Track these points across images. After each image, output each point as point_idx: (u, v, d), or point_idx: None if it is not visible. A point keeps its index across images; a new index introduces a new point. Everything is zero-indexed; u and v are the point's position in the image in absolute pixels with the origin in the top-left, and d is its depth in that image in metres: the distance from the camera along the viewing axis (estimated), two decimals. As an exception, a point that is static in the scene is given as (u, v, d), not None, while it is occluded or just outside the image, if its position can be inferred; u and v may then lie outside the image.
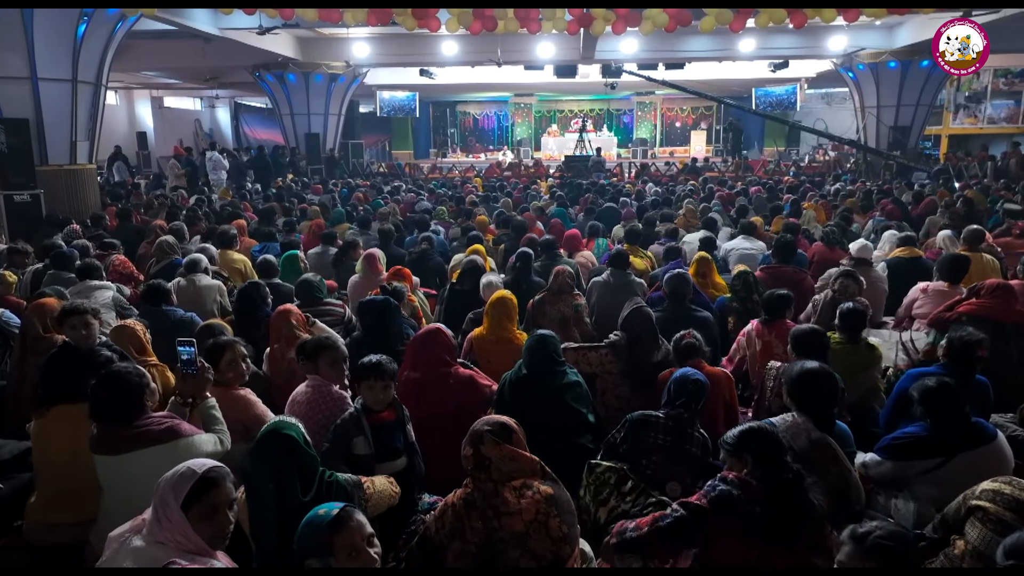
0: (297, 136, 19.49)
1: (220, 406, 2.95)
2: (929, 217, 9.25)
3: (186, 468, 2.03)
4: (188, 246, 7.31)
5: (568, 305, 5.19)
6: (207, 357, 3.01)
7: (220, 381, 3.14)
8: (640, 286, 5.56)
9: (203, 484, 2.00)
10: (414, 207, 11.41)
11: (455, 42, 18.18)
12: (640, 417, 3.02)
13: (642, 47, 18.33)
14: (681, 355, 3.67)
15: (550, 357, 3.34)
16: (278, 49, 16.75)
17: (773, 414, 3.49)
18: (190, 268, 5.47)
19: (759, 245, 7.47)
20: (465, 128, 31.52)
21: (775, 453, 2.29)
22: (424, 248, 6.97)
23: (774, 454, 2.29)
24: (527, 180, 17.64)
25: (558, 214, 9.69)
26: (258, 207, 11.56)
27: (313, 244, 7.96)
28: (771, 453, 2.29)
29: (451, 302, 5.20)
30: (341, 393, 3.20)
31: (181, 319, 4.52)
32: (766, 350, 4.23)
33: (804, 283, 5.55)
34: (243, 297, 4.56)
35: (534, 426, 3.10)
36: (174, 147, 22.70)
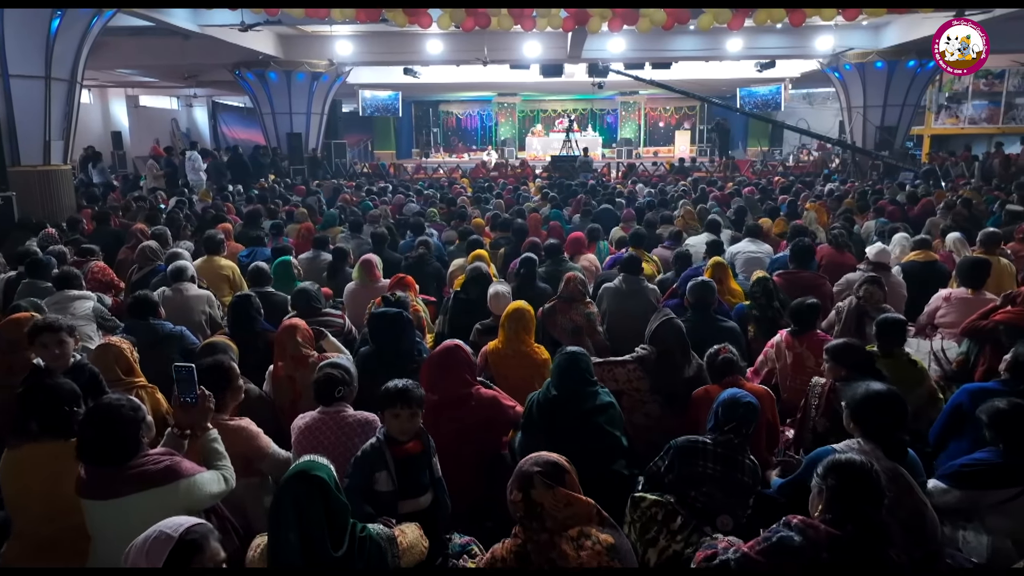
0: (278, 136, 19.04)
1: (221, 433, 2.65)
2: (930, 219, 9.10)
3: (159, 532, 1.72)
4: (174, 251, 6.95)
5: (580, 313, 4.94)
6: (209, 383, 2.70)
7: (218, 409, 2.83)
8: (653, 292, 5.31)
9: (183, 550, 1.70)
10: (402, 209, 11.10)
11: (440, 41, 17.87)
12: (686, 444, 2.76)
13: (629, 46, 18.14)
14: (718, 371, 3.42)
15: (582, 377, 3.07)
16: (259, 47, 16.31)
17: (818, 435, 3.26)
18: (176, 276, 5.13)
19: (765, 248, 7.26)
20: (448, 128, 31.19)
21: (865, 494, 2.03)
22: (421, 253, 6.68)
23: (863, 495, 2.03)
24: (514, 181, 17.37)
25: (555, 216, 9.43)
26: (241, 209, 11.18)
27: (303, 248, 7.63)
28: (859, 493, 2.03)
29: (456, 312, 4.92)
30: (360, 419, 2.89)
31: (170, 333, 4.19)
32: (797, 363, 4.00)
33: (823, 289, 5.34)
34: (236, 310, 4.23)
35: (565, 451, 2.84)
36: (152, 147, 22.11)
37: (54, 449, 2.57)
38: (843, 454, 2.18)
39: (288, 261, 5.81)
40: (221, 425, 2.77)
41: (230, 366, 2.95)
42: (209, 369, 2.87)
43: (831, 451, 2.51)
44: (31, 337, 3.25)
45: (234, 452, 2.67)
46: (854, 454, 2.21)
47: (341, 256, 6.16)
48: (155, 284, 5.56)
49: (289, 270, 5.76)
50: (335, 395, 2.90)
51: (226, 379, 2.89)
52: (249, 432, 2.88)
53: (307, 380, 3.48)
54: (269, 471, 2.89)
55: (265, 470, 2.89)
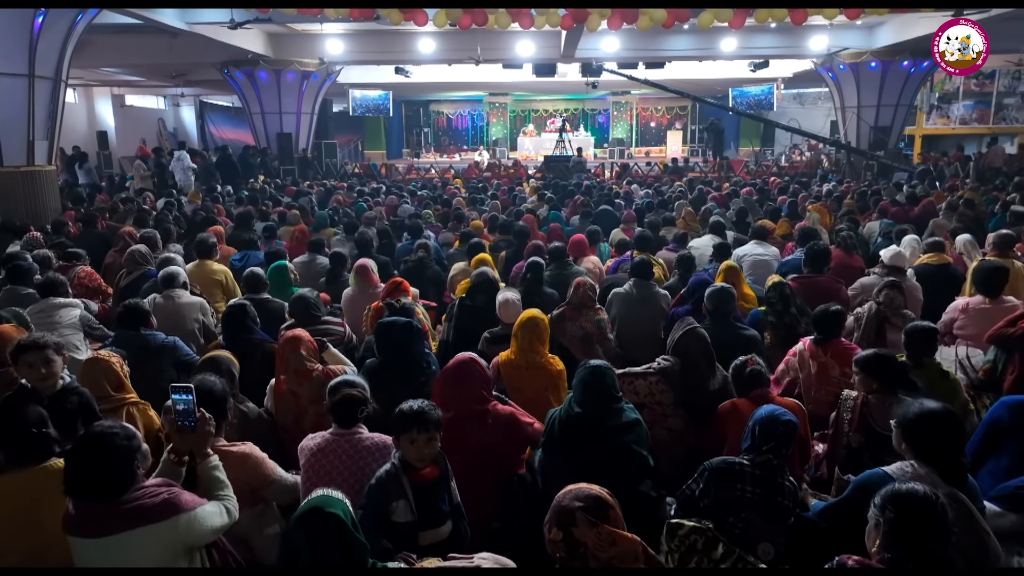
0: (268, 136, 18.75)
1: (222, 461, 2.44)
2: (934, 220, 8.97)
3: None
4: (161, 255, 6.71)
5: (590, 320, 4.76)
6: (209, 405, 2.48)
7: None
8: (664, 298, 5.14)
9: None
10: (396, 210, 10.88)
11: (432, 39, 17.66)
12: (722, 466, 2.58)
13: (623, 46, 17.99)
14: (744, 384, 3.24)
15: (607, 392, 2.88)
16: (248, 45, 16.03)
17: (852, 450, 3.09)
18: (167, 283, 4.89)
19: (772, 251, 7.10)
20: (438, 128, 30.97)
21: (930, 529, 1.85)
22: (421, 256, 6.47)
23: (927, 530, 1.85)
24: (508, 181, 17.16)
25: (554, 218, 9.24)
26: (231, 210, 10.92)
27: (297, 252, 7.40)
28: (923, 528, 1.85)
29: (462, 319, 4.71)
30: (377, 442, 2.68)
31: (163, 345, 3.97)
32: (822, 373, 3.83)
33: (840, 294, 5.17)
34: (231, 320, 4.01)
35: (589, 472, 2.65)
36: (138, 147, 21.76)
37: (26, 478, 2.36)
38: (904, 484, 2.00)
39: (284, 266, 5.59)
40: (222, 452, 2.56)
41: (223, 395, 2.71)
42: (211, 391, 2.65)
43: (883, 475, 2.34)
44: (14, 357, 2.99)
45: (238, 481, 2.46)
46: (914, 482, 2.03)
47: (340, 261, 5.95)
48: (145, 290, 5.33)
49: (285, 275, 5.54)
50: (358, 416, 2.69)
51: (220, 408, 2.66)
52: (255, 458, 2.67)
53: (311, 395, 3.28)
54: (275, 498, 2.68)
55: (271, 497, 2.69)
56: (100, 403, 3.16)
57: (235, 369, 3.21)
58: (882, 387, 3.11)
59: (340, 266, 5.94)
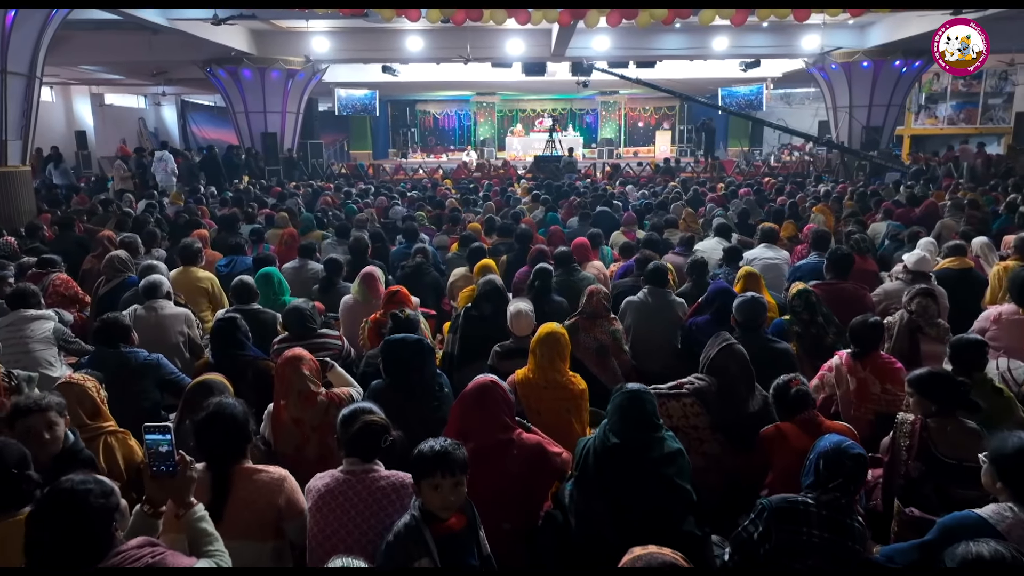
0: (252, 135, 18.32)
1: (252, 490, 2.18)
2: (941, 221, 8.76)
3: None
4: (142, 260, 6.34)
5: (605, 331, 4.46)
6: (234, 430, 2.21)
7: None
8: (681, 306, 4.85)
9: None
10: (388, 212, 10.54)
11: (421, 37, 17.33)
12: (783, 506, 2.28)
13: (614, 44, 17.77)
14: (789, 406, 2.95)
15: (648, 420, 2.58)
16: (231, 43, 15.61)
17: (911, 480, 2.81)
18: (149, 293, 4.54)
19: (783, 255, 6.85)
20: (425, 127, 30.60)
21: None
22: (419, 262, 6.14)
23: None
24: (499, 181, 16.85)
25: (552, 220, 8.93)
26: (215, 212, 10.53)
27: (286, 257, 7.05)
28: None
29: (468, 331, 4.39)
30: (395, 482, 2.35)
31: (145, 363, 3.62)
32: (862, 389, 3.55)
33: (865, 301, 4.91)
34: (221, 335, 3.67)
35: (629, 511, 2.36)
36: (119, 147, 21.22)
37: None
38: (999, 545, 1.72)
39: (274, 273, 5.24)
40: (255, 474, 2.33)
41: (246, 417, 2.43)
42: (221, 423, 2.36)
43: (977, 520, 2.06)
44: (11, 420, 2.55)
45: (269, 508, 2.25)
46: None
47: (335, 268, 5.60)
48: (125, 300, 4.97)
49: (275, 283, 5.19)
50: (381, 446, 2.38)
51: (244, 433, 2.38)
52: (292, 483, 2.39)
53: (315, 421, 2.96)
54: (295, 536, 2.36)
55: (292, 534, 2.37)
56: (74, 432, 2.82)
57: (229, 394, 2.88)
58: (941, 409, 2.84)
59: (335, 273, 5.60)
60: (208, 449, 2.33)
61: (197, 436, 2.34)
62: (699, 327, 4.43)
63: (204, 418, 2.35)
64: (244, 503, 2.27)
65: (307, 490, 2.39)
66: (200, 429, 2.34)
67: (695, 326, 4.40)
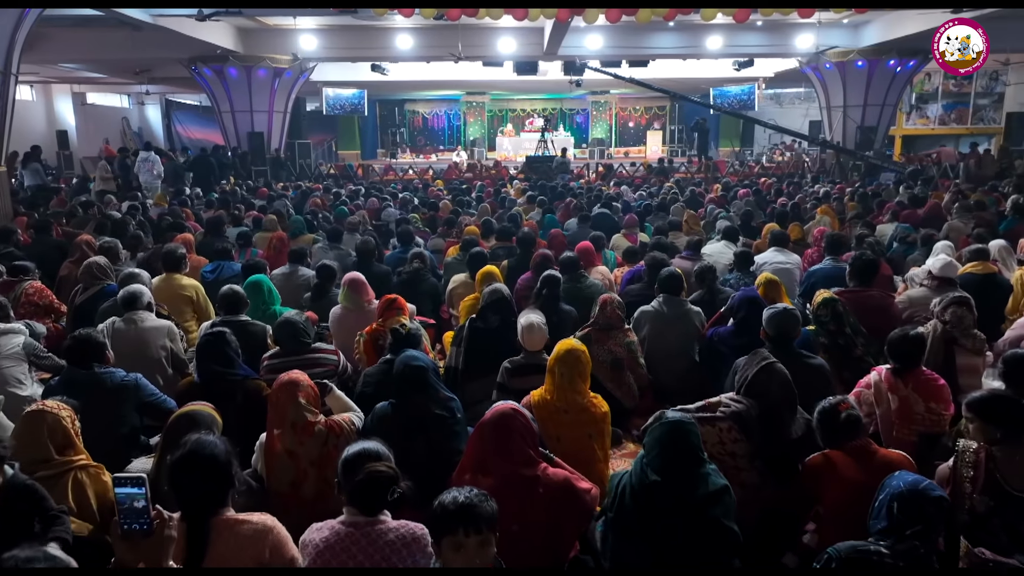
0: (239, 135, 17.90)
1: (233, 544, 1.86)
2: (949, 223, 8.56)
3: None
4: (123, 267, 5.99)
5: (620, 343, 4.19)
6: (215, 473, 1.89)
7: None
8: (698, 316, 4.58)
9: None
10: (380, 214, 10.21)
11: (411, 36, 16.99)
12: (853, 555, 2.01)
13: (607, 43, 17.52)
14: (839, 433, 2.67)
15: (693, 454, 2.30)
16: (217, 40, 15.21)
17: (978, 516, 2.54)
18: (129, 304, 4.20)
19: (794, 259, 6.60)
20: (414, 127, 30.23)
21: None
22: (417, 267, 5.83)
23: None
24: (491, 182, 16.54)
25: (551, 223, 8.64)
26: (201, 215, 10.16)
27: (276, 262, 6.72)
28: None
29: (474, 344, 4.10)
30: (405, 534, 2.05)
31: (122, 384, 3.29)
32: (904, 409, 3.28)
33: (893, 310, 4.66)
34: (207, 352, 3.35)
35: (672, 555, 2.08)
36: (103, 147, 20.74)
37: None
38: None
39: (264, 281, 4.91)
40: (236, 524, 2.01)
41: (228, 458, 2.10)
42: (199, 465, 2.03)
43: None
44: None
45: (254, 562, 1.93)
46: None
47: (327, 275, 5.27)
48: (104, 310, 4.63)
49: (265, 292, 4.86)
50: (387, 499, 2.06)
51: (226, 477, 2.06)
52: (278, 535, 2.07)
53: (313, 454, 2.65)
54: None
55: None
56: (40, 468, 2.51)
57: (217, 428, 2.57)
58: (1007, 436, 2.58)
59: (328, 280, 5.27)
60: (184, 496, 2.01)
61: (172, 480, 2.03)
62: (721, 337, 4.16)
63: (179, 459, 2.03)
64: (224, 559, 1.96)
65: (302, 544, 2.07)
66: (175, 472, 2.03)
67: (717, 336, 4.13)
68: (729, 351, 4.03)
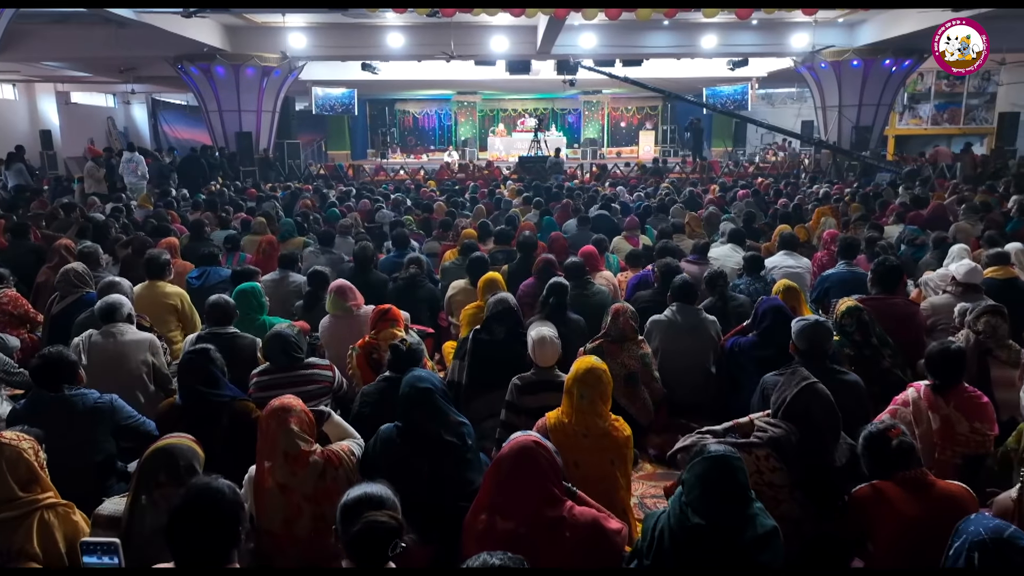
0: (226, 135, 17.55)
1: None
2: (956, 224, 8.34)
3: None
4: (104, 274, 5.69)
5: (634, 356, 3.94)
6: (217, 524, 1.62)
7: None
8: (713, 325, 4.33)
9: None
10: (373, 216, 9.92)
11: (402, 34, 16.70)
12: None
13: (601, 42, 17.31)
14: (889, 462, 2.42)
15: (741, 494, 2.04)
16: (203, 38, 14.87)
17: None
18: (107, 316, 3.90)
19: (804, 263, 6.38)
20: (404, 127, 29.91)
21: None
22: (413, 273, 5.56)
23: None
24: (484, 183, 16.26)
25: (550, 225, 8.37)
26: (187, 217, 9.84)
27: (265, 267, 6.43)
28: None
29: (478, 359, 3.83)
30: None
31: (95, 407, 3.00)
32: (946, 429, 3.05)
33: (918, 319, 4.44)
34: (189, 372, 3.06)
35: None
36: (87, 147, 20.31)
37: None
38: None
39: (254, 290, 4.62)
40: None
41: (234, 506, 1.82)
42: (202, 515, 1.76)
43: None
44: None
45: None
46: None
47: (320, 282, 4.97)
48: (81, 323, 4.33)
49: (254, 301, 4.57)
50: (388, 553, 1.79)
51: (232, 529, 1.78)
52: None
53: (307, 488, 2.38)
54: None
55: None
56: (2, 509, 2.23)
57: (199, 462, 2.29)
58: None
59: (321, 287, 4.97)
60: (182, 552, 1.74)
61: (169, 534, 1.75)
62: (742, 348, 3.91)
63: (180, 510, 1.76)
64: None
65: None
66: (174, 525, 1.75)
67: (737, 347, 3.88)
68: (751, 363, 3.79)
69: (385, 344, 3.80)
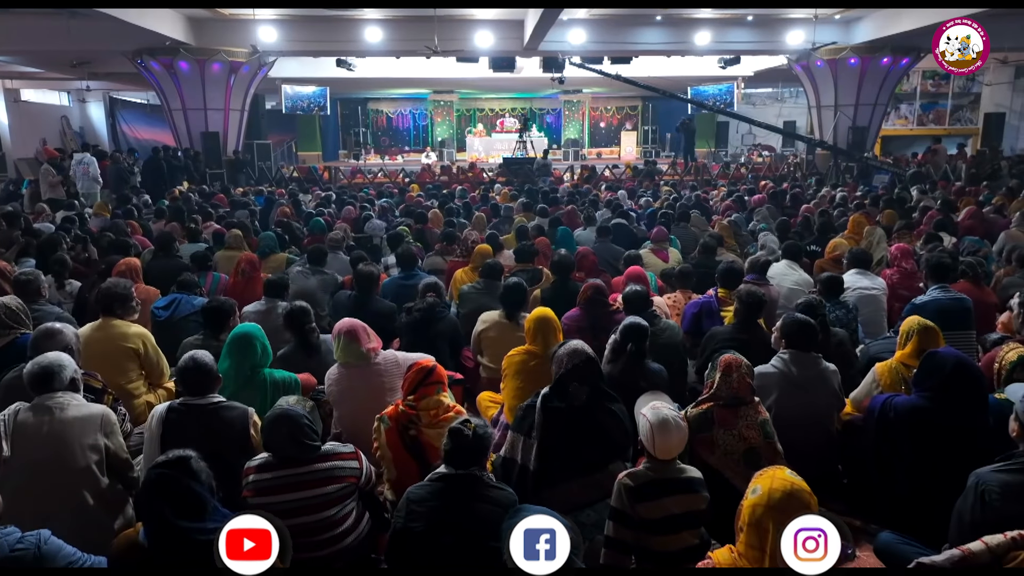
0: (191, 135, 16.29)
1: None
2: (1006, 232, 7.61)
3: None
4: (45, 308, 4.58)
5: (753, 425, 2.99)
6: None
7: None
8: (835, 377, 3.40)
9: None
10: (362, 226, 8.87)
11: (380, 28, 15.63)
12: None
13: (591, 38, 16.51)
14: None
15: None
16: (165, 30, 13.65)
17: None
18: (40, 383, 2.82)
19: (879, 283, 5.51)
20: (378, 127, 28.74)
21: None
22: (432, 302, 4.54)
23: None
24: (471, 185, 15.25)
25: (566, 236, 7.38)
26: (150, 227, 8.69)
27: (247, 293, 5.38)
28: None
29: (552, 434, 2.85)
30: None
31: (12, 556, 1.95)
32: None
33: None
34: (159, 491, 2.03)
35: None
36: (42, 148, 18.86)
37: None
38: None
39: (256, 337, 3.50)
40: None
41: None
42: None
43: None
44: None
45: None
46: None
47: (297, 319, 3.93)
48: (7, 384, 3.26)
49: (257, 352, 3.46)
50: None
51: None
52: None
53: None
54: None
55: None
56: None
57: None
58: None
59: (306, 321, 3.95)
60: None
61: None
62: (898, 413, 2.98)
63: None
64: None
65: None
66: None
67: (894, 412, 2.95)
68: (920, 433, 2.86)
69: (428, 417, 2.82)
